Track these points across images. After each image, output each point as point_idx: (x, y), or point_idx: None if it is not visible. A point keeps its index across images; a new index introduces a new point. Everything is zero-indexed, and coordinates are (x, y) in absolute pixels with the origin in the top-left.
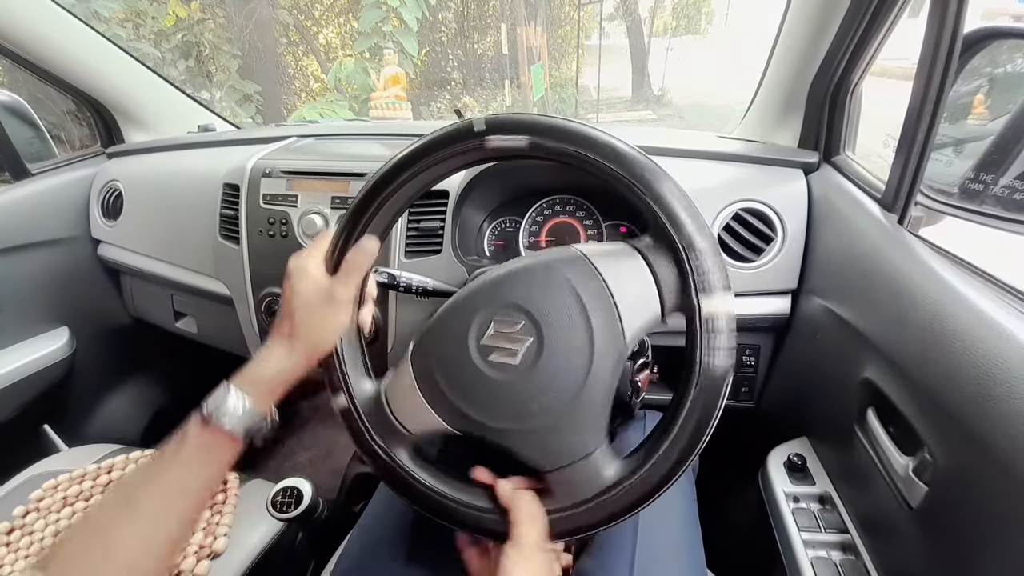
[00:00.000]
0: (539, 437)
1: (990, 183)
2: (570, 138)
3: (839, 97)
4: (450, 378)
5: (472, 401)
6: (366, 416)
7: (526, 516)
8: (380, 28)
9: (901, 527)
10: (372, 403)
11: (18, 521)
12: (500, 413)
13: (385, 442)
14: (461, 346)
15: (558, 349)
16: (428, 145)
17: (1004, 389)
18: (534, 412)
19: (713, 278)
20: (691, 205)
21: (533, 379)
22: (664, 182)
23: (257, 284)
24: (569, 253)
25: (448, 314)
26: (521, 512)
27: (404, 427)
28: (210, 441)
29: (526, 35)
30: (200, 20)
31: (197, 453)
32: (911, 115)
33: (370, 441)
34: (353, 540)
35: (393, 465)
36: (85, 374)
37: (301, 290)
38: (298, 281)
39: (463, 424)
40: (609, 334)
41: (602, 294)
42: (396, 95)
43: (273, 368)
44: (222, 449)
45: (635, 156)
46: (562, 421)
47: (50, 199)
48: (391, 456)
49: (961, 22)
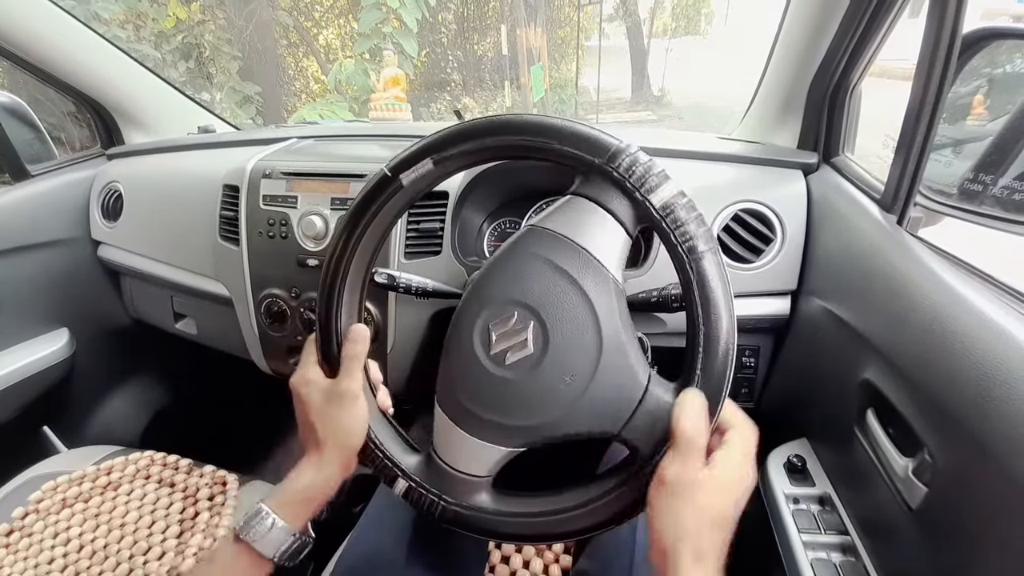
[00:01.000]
0: (590, 405)
1: (989, 184)
2: (466, 137)
3: (838, 98)
4: (482, 401)
5: (512, 412)
6: (432, 485)
7: (679, 438)
8: (380, 29)
9: (901, 528)
10: (429, 470)
11: (17, 523)
12: (542, 408)
13: (459, 499)
14: (477, 367)
15: (560, 318)
16: (358, 209)
17: (1004, 390)
18: (570, 386)
19: (646, 174)
20: (591, 129)
21: (554, 357)
22: (556, 123)
23: (257, 285)
24: (523, 231)
25: (450, 346)
26: (679, 422)
27: (469, 474)
28: (240, 560)
29: (526, 36)
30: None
31: (227, 571)
32: (910, 115)
33: (446, 507)
34: (353, 542)
35: (482, 515)
36: (85, 375)
37: (310, 401)
38: (304, 395)
39: (518, 438)
40: (596, 278)
41: (569, 248)
42: (396, 96)
43: (304, 483)
44: (250, 569)
45: (521, 119)
46: (602, 377)
47: (50, 200)
48: (474, 508)
49: (960, 22)
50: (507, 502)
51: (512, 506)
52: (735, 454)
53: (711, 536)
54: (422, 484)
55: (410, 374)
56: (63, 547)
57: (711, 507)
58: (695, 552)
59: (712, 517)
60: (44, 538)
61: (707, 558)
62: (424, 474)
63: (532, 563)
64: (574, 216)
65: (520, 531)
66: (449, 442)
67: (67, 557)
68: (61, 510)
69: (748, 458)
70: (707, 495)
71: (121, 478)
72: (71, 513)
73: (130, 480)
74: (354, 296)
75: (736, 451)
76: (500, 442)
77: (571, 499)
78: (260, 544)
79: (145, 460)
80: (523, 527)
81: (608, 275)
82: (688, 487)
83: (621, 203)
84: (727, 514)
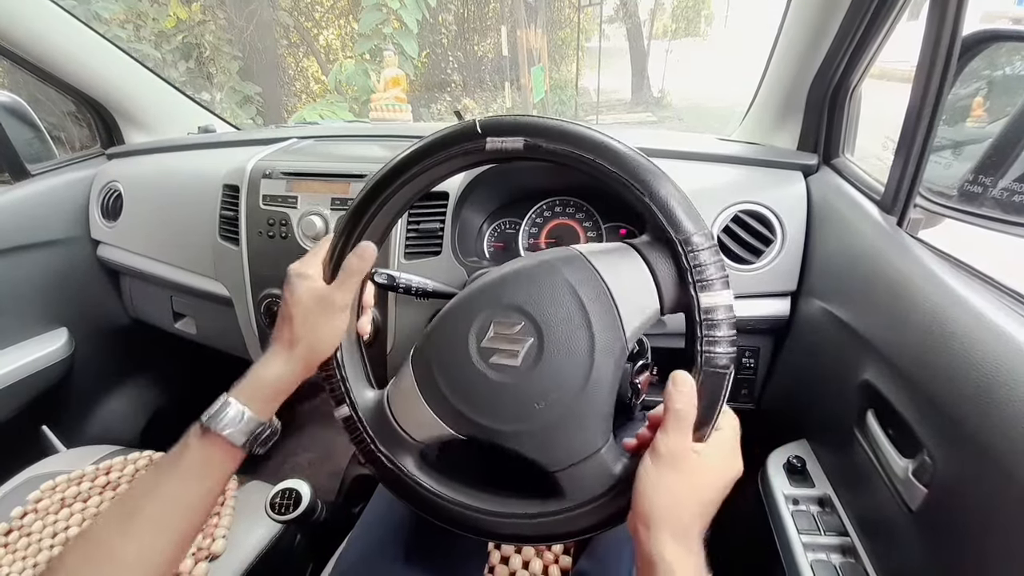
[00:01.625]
0: (545, 437)
1: (989, 185)
2: (567, 139)
3: (838, 99)
4: (452, 382)
5: (475, 404)
6: (369, 424)
7: (672, 413)
8: (380, 30)
9: (901, 530)
10: (374, 411)
11: (16, 522)
12: (504, 415)
13: (389, 450)
14: (462, 349)
15: (559, 349)
16: (429, 146)
17: (1004, 392)
18: (538, 412)
19: (710, 272)
20: (688, 203)
21: (535, 380)
22: (662, 182)
23: (256, 285)
24: (567, 253)
25: (448, 318)
26: (671, 397)
27: (408, 434)
28: (210, 451)
29: (526, 37)
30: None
31: (197, 463)
32: (910, 117)
33: (374, 450)
34: (352, 542)
35: (398, 473)
36: (84, 375)
37: (299, 295)
38: (296, 286)
39: (467, 428)
40: (609, 332)
41: (601, 293)
42: (396, 97)
43: (272, 375)
44: (222, 459)
45: (633, 156)
46: (567, 420)
47: (50, 200)
48: (396, 464)
49: (960, 24)
50: (426, 473)
51: (426, 478)
52: (728, 437)
53: (693, 516)
54: (363, 421)
55: None
56: (62, 547)
57: (699, 485)
58: (676, 528)
59: (699, 496)
60: (43, 538)
61: (688, 538)
62: (369, 413)
63: (532, 563)
64: (624, 268)
65: (419, 502)
66: (405, 399)
67: None
68: (60, 510)
69: (736, 447)
70: (697, 472)
71: (120, 478)
72: (70, 513)
73: (129, 480)
74: (385, 220)
75: (729, 435)
76: (451, 424)
77: (465, 496)
78: (231, 433)
79: (144, 460)
80: (426, 503)
81: (622, 337)
82: (681, 459)
83: (671, 284)
84: (712, 497)
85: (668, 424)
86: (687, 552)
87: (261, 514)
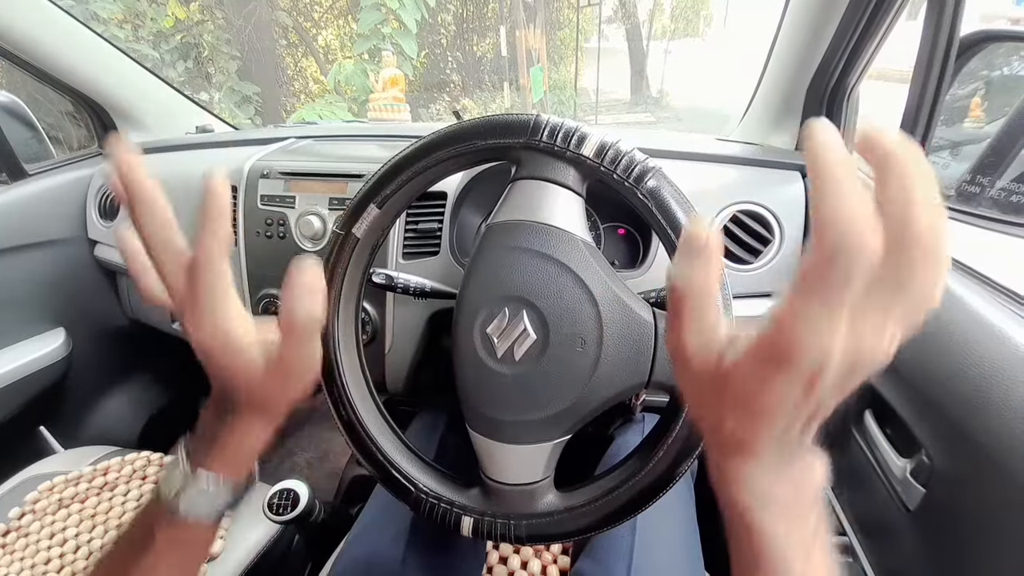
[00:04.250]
0: (611, 364)
1: (987, 185)
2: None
3: (837, 99)
4: (511, 407)
5: (544, 403)
6: (497, 513)
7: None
8: (379, 30)
9: (898, 529)
10: (487, 498)
11: (13, 523)
12: (570, 385)
13: (528, 511)
14: (490, 375)
15: (548, 295)
16: (329, 275)
17: (1001, 392)
18: (586, 352)
19: (574, 134)
20: (504, 114)
21: (558, 334)
22: (464, 126)
23: (254, 286)
24: (484, 232)
25: (459, 364)
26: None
27: (530, 482)
28: (190, 541)
29: (525, 37)
30: (199, 22)
31: (166, 557)
32: (908, 117)
33: (519, 525)
34: (350, 543)
35: (554, 518)
36: (81, 375)
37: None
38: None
39: (560, 426)
40: (569, 248)
41: (530, 229)
42: (395, 97)
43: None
44: (205, 543)
45: (439, 135)
46: (611, 333)
47: (47, 200)
48: (547, 514)
49: (958, 25)
50: (573, 496)
51: (578, 499)
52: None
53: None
54: (486, 513)
55: (408, 374)
56: (59, 548)
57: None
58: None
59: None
60: (40, 539)
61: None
62: (485, 503)
63: (530, 564)
64: (522, 200)
65: (589, 521)
66: (496, 460)
67: (63, 558)
68: (57, 510)
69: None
70: None
71: (118, 479)
72: (67, 514)
73: (127, 481)
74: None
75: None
76: (544, 438)
77: (626, 472)
78: (211, 516)
79: (142, 461)
80: (591, 515)
81: (576, 239)
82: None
83: (558, 169)
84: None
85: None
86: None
87: (259, 514)
